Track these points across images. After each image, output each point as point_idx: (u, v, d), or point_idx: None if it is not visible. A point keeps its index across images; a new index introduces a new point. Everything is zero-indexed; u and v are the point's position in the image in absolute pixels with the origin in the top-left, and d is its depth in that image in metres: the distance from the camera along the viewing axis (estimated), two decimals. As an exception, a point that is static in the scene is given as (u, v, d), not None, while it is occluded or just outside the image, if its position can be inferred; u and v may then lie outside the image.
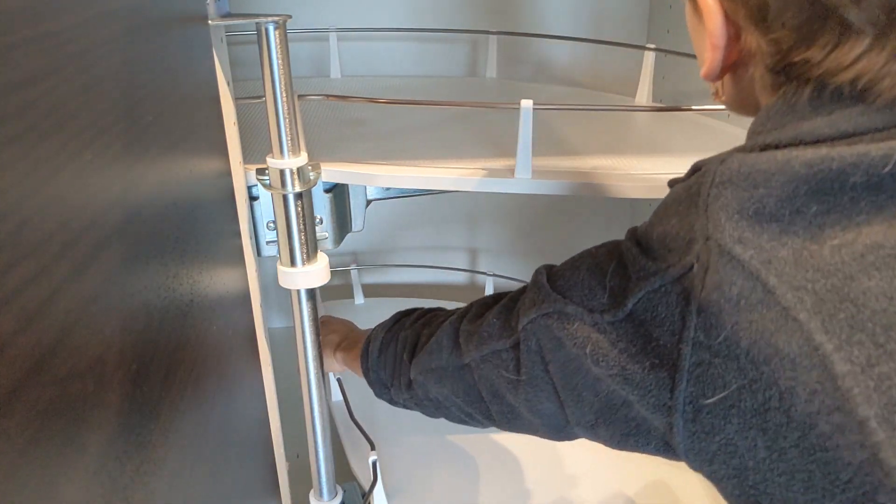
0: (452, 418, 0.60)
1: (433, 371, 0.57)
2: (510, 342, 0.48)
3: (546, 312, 0.44)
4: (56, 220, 0.26)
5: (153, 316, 0.36)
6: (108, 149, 0.31)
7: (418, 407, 0.63)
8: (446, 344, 0.56)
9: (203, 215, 0.48)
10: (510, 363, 0.48)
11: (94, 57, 0.31)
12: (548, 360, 0.44)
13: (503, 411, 0.51)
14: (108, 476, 0.29)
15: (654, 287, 0.38)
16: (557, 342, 0.43)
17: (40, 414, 0.23)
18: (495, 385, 0.50)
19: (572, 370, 0.43)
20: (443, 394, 0.57)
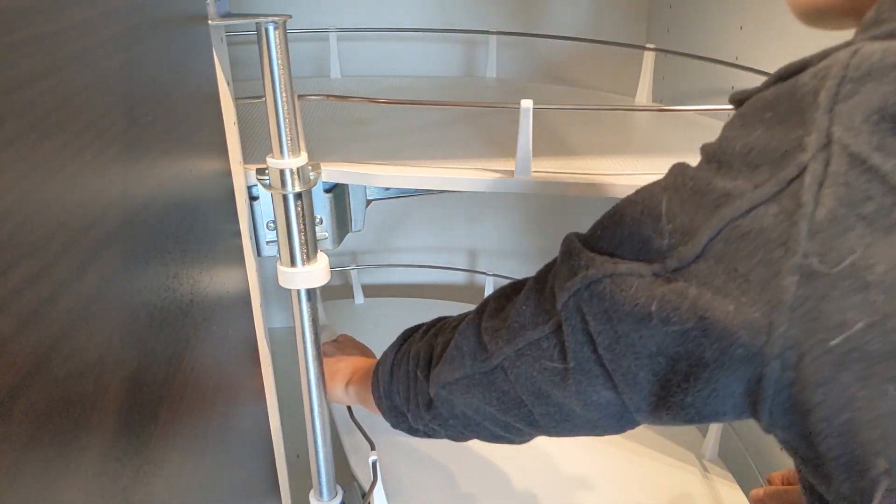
0: (485, 436, 0.54)
1: (457, 382, 0.50)
2: (549, 327, 0.42)
3: (592, 280, 0.38)
4: (56, 219, 0.26)
5: (153, 316, 0.36)
6: (108, 149, 0.31)
7: (443, 429, 0.56)
8: (468, 348, 0.50)
9: (203, 215, 0.48)
10: (553, 351, 0.42)
11: (95, 57, 0.31)
12: (596, 338, 0.39)
13: (550, 413, 0.45)
14: (108, 476, 0.29)
15: (740, 212, 0.32)
16: (608, 313, 0.37)
17: (40, 414, 0.23)
18: (537, 382, 0.44)
19: (627, 345, 0.37)
20: (472, 406, 0.50)
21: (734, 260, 0.32)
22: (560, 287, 0.40)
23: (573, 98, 0.97)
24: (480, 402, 0.49)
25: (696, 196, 0.34)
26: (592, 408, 0.42)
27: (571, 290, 0.39)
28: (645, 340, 0.36)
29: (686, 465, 0.82)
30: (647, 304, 0.35)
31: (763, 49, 0.82)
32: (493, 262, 1.25)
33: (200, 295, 0.45)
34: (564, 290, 0.40)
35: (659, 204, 0.36)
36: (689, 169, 0.36)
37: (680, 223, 0.34)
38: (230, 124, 0.57)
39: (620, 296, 0.36)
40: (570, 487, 0.78)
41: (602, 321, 0.38)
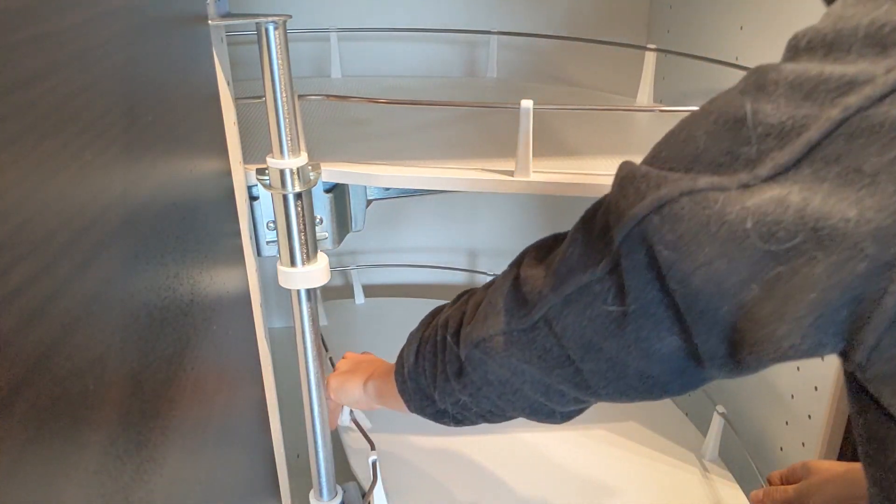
0: (523, 406, 0.48)
1: (492, 339, 0.45)
2: (602, 268, 0.37)
3: (666, 200, 0.32)
4: (57, 219, 0.26)
5: (154, 315, 0.36)
6: (108, 149, 0.31)
7: (474, 401, 0.50)
8: (505, 303, 0.45)
9: (203, 215, 0.48)
10: (607, 295, 0.37)
11: (95, 57, 0.31)
12: (667, 271, 0.33)
13: (601, 370, 0.40)
14: (109, 475, 0.29)
15: (870, 101, 0.27)
16: (686, 239, 0.32)
17: (41, 413, 0.23)
18: (587, 334, 0.39)
19: (708, 275, 0.31)
20: (509, 367, 0.45)
21: (858, 158, 0.27)
22: (619, 218, 0.35)
23: (573, 98, 0.97)
24: (519, 362, 0.44)
25: (797, 90, 0.29)
26: (654, 360, 0.37)
27: (637, 217, 0.33)
28: (735, 265, 0.31)
29: (686, 465, 0.82)
30: (739, 220, 0.30)
31: (763, 49, 0.82)
32: (493, 262, 1.25)
33: (200, 295, 0.45)
34: (626, 219, 0.34)
35: (740, 108, 0.31)
36: (776, 66, 0.31)
37: (773, 124, 0.30)
38: (230, 124, 0.57)
39: (704, 215, 0.31)
40: (570, 487, 0.78)
41: (677, 249, 0.32)
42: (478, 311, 0.47)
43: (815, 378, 0.75)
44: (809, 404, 0.77)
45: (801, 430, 0.79)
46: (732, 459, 0.83)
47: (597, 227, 0.39)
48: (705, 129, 0.33)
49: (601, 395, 0.43)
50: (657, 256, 0.33)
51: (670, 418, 0.89)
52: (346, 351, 0.77)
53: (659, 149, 0.36)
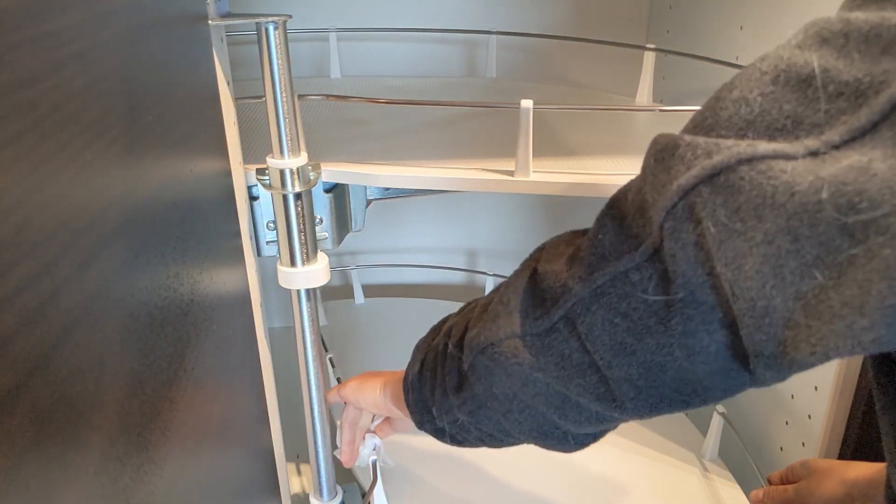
0: (531, 427, 0.42)
1: (501, 344, 0.40)
2: (643, 252, 0.32)
3: (722, 168, 0.28)
4: (57, 219, 0.26)
5: (154, 315, 0.36)
6: (108, 148, 0.31)
7: (475, 421, 0.45)
8: (519, 303, 0.39)
9: (203, 215, 0.48)
10: (647, 284, 0.32)
11: (95, 57, 0.31)
12: (716, 251, 0.29)
13: (631, 376, 0.35)
14: (109, 476, 0.29)
15: None
16: (744, 212, 0.28)
17: (41, 413, 0.23)
18: (618, 332, 0.34)
19: (768, 255, 0.27)
20: (521, 376, 0.39)
21: None
22: (660, 193, 0.31)
23: (573, 98, 0.97)
24: (532, 370, 0.38)
25: (875, 43, 0.26)
26: (698, 359, 0.32)
27: (683, 189, 0.29)
28: (800, 246, 0.26)
29: (686, 465, 0.82)
30: (812, 190, 0.26)
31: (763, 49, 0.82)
32: (493, 262, 1.25)
33: (200, 295, 0.45)
34: (670, 193, 0.30)
35: (805, 66, 0.27)
36: (842, 16, 0.27)
37: (847, 82, 0.26)
38: (230, 124, 0.57)
39: (768, 185, 0.27)
40: (570, 487, 0.78)
41: (731, 224, 0.28)
42: (486, 313, 0.42)
43: (815, 378, 0.75)
44: (809, 404, 0.77)
45: (801, 430, 0.79)
46: (732, 459, 0.83)
47: (630, 209, 0.34)
48: (760, 91, 0.29)
49: (626, 409, 0.37)
50: (706, 235, 0.29)
51: (670, 418, 0.89)
52: (346, 351, 0.77)
53: (702, 117, 0.32)
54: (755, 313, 0.29)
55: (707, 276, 0.30)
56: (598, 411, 0.39)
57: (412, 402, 0.51)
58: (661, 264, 0.32)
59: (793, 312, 0.28)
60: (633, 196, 0.34)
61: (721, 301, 0.30)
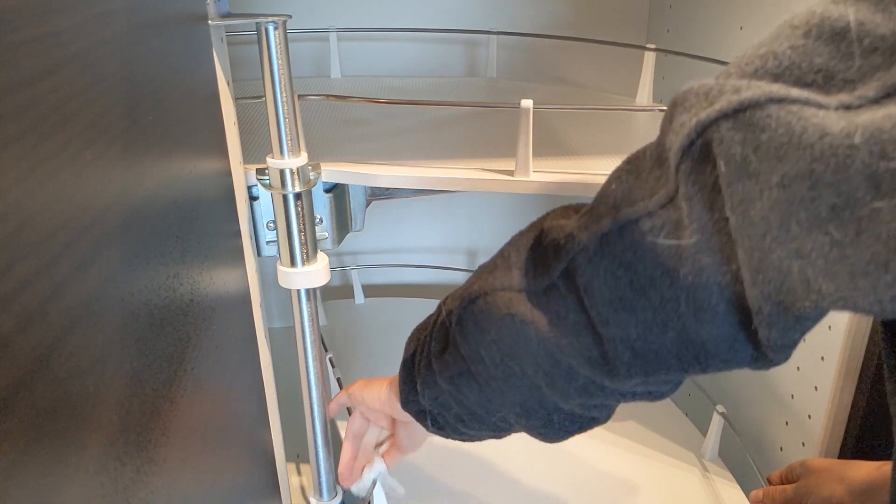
0: (514, 399, 0.39)
1: (494, 295, 0.38)
2: (658, 200, 0.30)
3: (744, 106, 0.26)
4: (57, 219, 0.26)
5: (153, 315, 0.36)
6: (108, 149, 0.31)
7: (455, 389, 0.42)
8: (519, 259, 0.38)
9: (203, 215, 0.48)
10: (660, 231, 0.30)
11: (95, 57, 0.31)
12: (725, 190, 0.27)
13: (629, 336, 0.33)
14: (109, 475, 0.29)
15: None
16: (765, 151, 0.26)
17: (41, 413, 0.23)
18: (621, 285, 0.32)
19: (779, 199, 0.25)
20: (512, 329, 0.37)
21: None
22: (677, 134, 0.29)
23: (573, 98, 0.97)
24: (523, 325, 0.36)
25: None
26: (705, 317, 0.30)
27: (702, 124, 0.27)
28: (818, 193, 0.25)
29: (686, 465, 0.82)
30: (845, 134, 0.24)
31: (763, 49, 0.82)
32: (493, 262, 1.25)
33: (200, 295, 0.45)
34: (687, 129, 0.28)
35: (840, 19, 0.26)
36: None
37: (884, 35, 0.25)
38: (230, 124, 0.57)
39: (798, 124, 0.25)
40: (570, 487, 0.78)
41: (745, 164, 0.26)
42: (484, 266, 0.40)
43: (815, 378, 0.75)
44: (809, 404, 0.77)
45: (801, 430, 0.79)
46: (732, 459, 0.83)
47: (648, 162, 0.32)
48: (790, 45, 0.27)
49: (618, 374, 0.35)
50: (718, 172, 0.27)
51: (670, 418, 0.89)
52: (346, 351, 0.77)
53: (725, 73, 0.30)
54: (751, 265, 0.27)
55: (722, 223, 0.28)
56: (588, 376, 0.36)
57: (401, 379, 0.49)
58: (675, 211, 0.29)
59: (790, 270, 0.26)
60: (652, 149, 0.32)
61: (733, 251, 0.28)
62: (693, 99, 0.29)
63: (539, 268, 0.36)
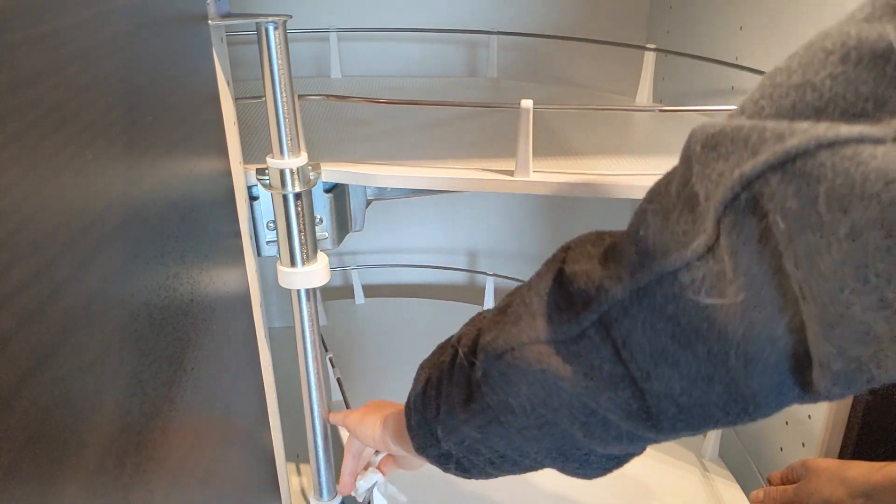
0: (548, 447, 0.38)
1: (523, 349, 0.35)
2: (696, 249, 0.28)
3: (793, 156, 0.24)
4: (57, 219, 0.26)
5: (153, 315, 0.36)
6: (108, 148, 0.31)
7: (484, 437, 0.40)
8: (542, 306, 0.35)
9: (203, 215, 0.48)
10: (702, 284, 0.28)
11: (95, 57, 0.31)
12: (784, 247, 0.25)
13: (672, 390, 0.31)
14: (108, 475, 0.29)
15: None
16: (820, 205, 0.24)
17: (41, 412, 0.23)
18: (661, 339, 0.30)
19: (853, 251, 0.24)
20: (544, 384, 0.35)
21: None
22: (716, 184, 0.27)
23: (573, 98, 0.97)
24: (556, 379, 0.34)
25: None
26: (756, 370, 0.28)
27: (747, 178, 0.26)
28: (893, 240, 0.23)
29: (686, 465, 0.82)
30: None
31: (763, 49, 0.82)
32: (493, 262, 1.25)
33: (200, 294, 0.45)
34: (731, 182, 0.26)
35: (879, 40, 0.24)
36: None
37: None
38: (230, 124, 0.57)
39: (858, 172, 0.23)
40: (570, 486, 0.78)
41: (805, 217, 0.24)
42: (504, 315, 0.37)
43: (815, 378, 0.75)
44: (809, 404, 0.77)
45: (801, 430, 0.79)
46: (732, 459, 0.83)
47: (676, 204, 0.30)
48: (829, 73, 0.25)
49: (662, 429, 0.33)
50: (773, 229, 0.25)
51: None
52: (346, 351, 0.77)
53: (756, 107, 0.27)
54: (825, 321, 0.25)
55: (773, 275, 0.26)
56: (630, 430, 0.34)
57: (414, 424, 0.46)
58: (716, 263, 0.28)
59: (874, 323, 0.24)
60: (678, 189, 0.30)
61: (789, 303, 0.27)
62: (729, 145, 0.27)
63: (565, 314, 0.34)
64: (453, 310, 1.12)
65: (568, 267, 0.35)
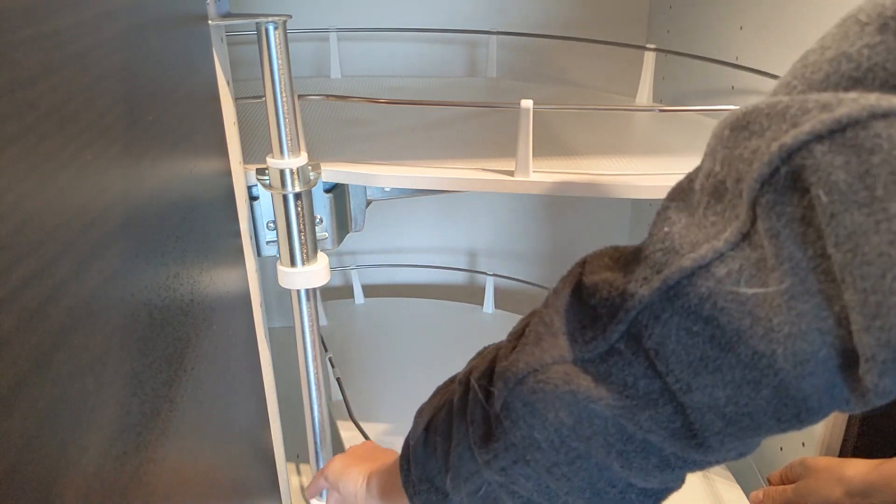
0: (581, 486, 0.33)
1: (548, 371, 0.31)
2: (731, 237, 0.26)
3: (843, 125, 0.22)
4: (57, 219, 0.26)
5: (153, 315, 0.36)
6: (108, 148, 0.31)
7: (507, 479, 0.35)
8: (563, 323, 0.32)
9: (203, 215, 0.48)
10: (740, 275, 0.25)
11: (95, 57, 0.31)
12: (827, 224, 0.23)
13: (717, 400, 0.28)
14: (108, 476, 0.29)
15: None
16: (870, 178, 0.22)
17: (41, 413, 0.23)
18: (699, 343, 0.27)
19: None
20: (574, 410, 0.31)
21: None
22: (750, 163, 0.25)
23: (573, 98, 0.97)
24: (588, 401, 0.30)
25: None
26: (807, 368, 0.25)
27: (788, 148, 0.23)
28: None
29: (686, 464, 0.82)
30: None
31: (763, 49, 0.82)
32: (493, 262, 1.25)
33: (200, 295, 0.45)
34: (768, 157, 0.24)
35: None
36: None
37: None
38: (230, 124, 0.57)
39: None
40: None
41: (852, 192, 0.22)
42: (524, 337, 0.34)
43: (815, 378, 0.75)
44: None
45: (801, 430, 0.79)
46: (732, 459, 0.83)
47: (702, 196, 0.28)
48: (866, 43, 0.24)
49: (710, 448, 0.29)
50: (815, 205, 0.23)
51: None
52: (346, 351, 0.77)
53: (789, 86, 0.26)
54: (866, 309, 0.23)
55: (818, 260, 0.24)
56: (674, 452, 0.31)
57: (415, 478, 0.41)
58: (754, 251, 0.25)
59: None
60: (702, 182, 0.28)
61: (836, 291, 0.24)
62: (764, 121, 0.25)
63: (589, 330, 0.31)
64: (453, 310, 1.12)
65: (587, 279, 0.32)
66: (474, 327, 1.07)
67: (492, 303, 1.12)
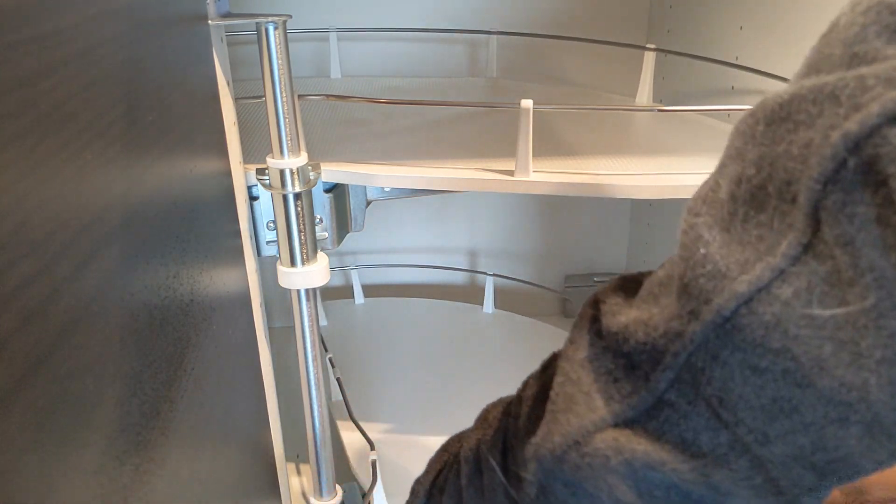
0: None
1: (591, 440, 0.26)
2: (788, 251, 0.21)
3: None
4: (56, 219, 0.26)
5: (153, 315, 0.36)
6: (108, 148, 0.31)
7: None
8: (592, 379, 0.27)
9: (203, 215, 0.48)
10: (810, 294, 0.21)
11: (95, 56, 0.31)
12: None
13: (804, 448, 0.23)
14: (108, 476, 0.29)
15: None
16: None
17: (40, 413, 0.23)
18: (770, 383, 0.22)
19: None
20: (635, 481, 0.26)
21: None
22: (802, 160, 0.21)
23: (573, 98, 0.97)
24: (648, 469, 0.25)
25: None
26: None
27: (855, 136, 0.19)
28: None
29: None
30: None
31: (763, 49, 0.82)
32: (493, 262, 1.25)
33: (200, 294, 0.45)
34: (829, 150, 0.20)
35: None
36: None
37: None
38: (230, 124, 0.57)
39: None
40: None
41: None
42: (551, 403, 0.28)
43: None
44: None
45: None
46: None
47: (736, 206, 0.23)
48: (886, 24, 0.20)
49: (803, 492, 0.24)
50: (894, 198, 0.19)
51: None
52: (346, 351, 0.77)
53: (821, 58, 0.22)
54: None
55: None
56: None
57: None
58: (821, 263, 0.21)
59: None
60: (732, 190, 0.23)
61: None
62: (811, 108, 0.21)
63: (627, 383, 0.26)
64: (453, 310, 1.12)
65: (609, 322, 0.27)
66: (474, 327, 1.07)
67: (491, 303, 1.12)
